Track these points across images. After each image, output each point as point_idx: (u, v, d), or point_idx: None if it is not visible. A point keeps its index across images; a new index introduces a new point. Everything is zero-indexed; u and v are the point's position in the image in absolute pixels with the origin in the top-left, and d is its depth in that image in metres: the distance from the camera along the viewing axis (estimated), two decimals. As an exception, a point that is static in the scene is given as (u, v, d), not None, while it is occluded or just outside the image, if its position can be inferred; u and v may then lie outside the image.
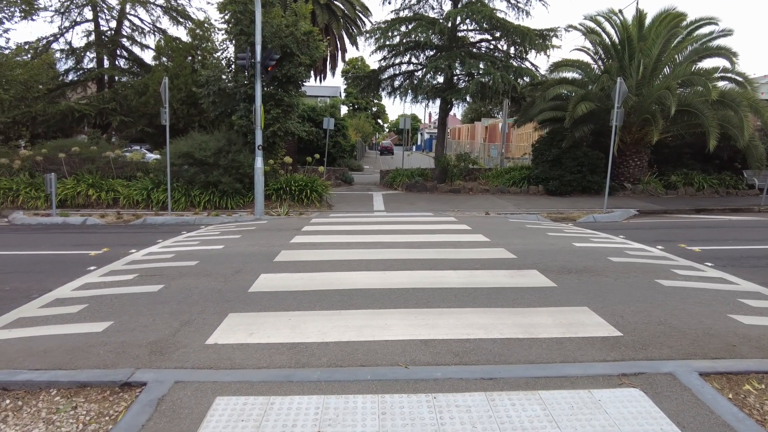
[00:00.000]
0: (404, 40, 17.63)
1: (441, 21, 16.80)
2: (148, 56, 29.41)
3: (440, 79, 18.00)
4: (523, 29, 16.22)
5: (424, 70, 17.68)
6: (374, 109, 60.47)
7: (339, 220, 11.15)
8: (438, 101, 18.79)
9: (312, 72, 22.29)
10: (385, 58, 18.64)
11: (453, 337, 4.04)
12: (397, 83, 19.09)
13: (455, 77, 17.97)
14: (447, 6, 17.92)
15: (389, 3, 18.88)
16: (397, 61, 18.75)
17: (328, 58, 26.50)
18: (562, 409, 2.97)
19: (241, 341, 3.97)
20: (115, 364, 3.58)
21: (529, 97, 18.27)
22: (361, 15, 26.82)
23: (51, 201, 12.22)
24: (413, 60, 18.76)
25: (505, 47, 18.04)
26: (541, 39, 16.48)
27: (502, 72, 15.85)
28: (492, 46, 18.32)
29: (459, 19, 16.84)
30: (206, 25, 19.69)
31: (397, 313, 4.62)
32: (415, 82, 18.28)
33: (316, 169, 17.02)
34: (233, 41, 14.82)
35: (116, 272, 6.46)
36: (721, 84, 15.89)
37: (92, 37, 20.02)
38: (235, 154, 13.04)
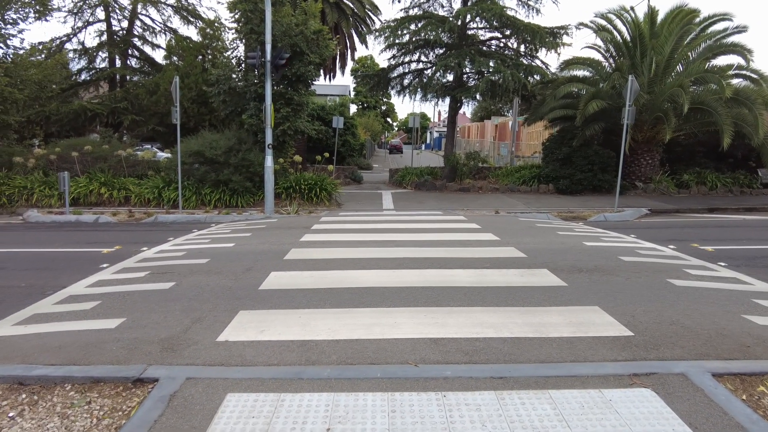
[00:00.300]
0: (414, 39, 17.60)
1: (451, 19, 16.75)
2: (159, 56, 29.58)
3: (450, 78, 17.95)
4: (534, 27, 16.12)
5: (434, 68, 17.65)
6: (383, 108, 60.44)
7: (348, 219, 11.18)
8: (447, 100, 18.75)
9: (321, 71, 22.30)
10: (394, 57, 18.63)
11: (463, 335, 4.04)
12: (406, 82, 19.07)
13: (465, 75, 17.91)
14: (457, 4, 17.89)
15: (399, 1, 19.02)
16: (407, 59, 18.73)
17: (338, 57, 26.50)
18: (573, 409, 2.95)
19: (252, 338, 4.00)
20: (128, 360, 3.63)
21: (539, 95, 18.16)
22: (370, 13, 26.79)
23: (64, 199, 12.37)
24: (423, 58, 18.74)
25: (515, 45, 17.95)
26: (551, 37, 16.37)
27: (513, 70, 15.77)
28: (502, 44, 18.24)
29: (469, 17, 16.77)
30: (216, 24, 19.81)
31: (406, 311, 4.62)
32: (425, 80, 18.25)
33: (326, 168, 17.07)
34: (243, 40, 14.90)
35: (128, 270, 6.53)
36: (735, 81, 15.67)
37: (104, 37, 20.23)
38: (246, 153, 13.11)
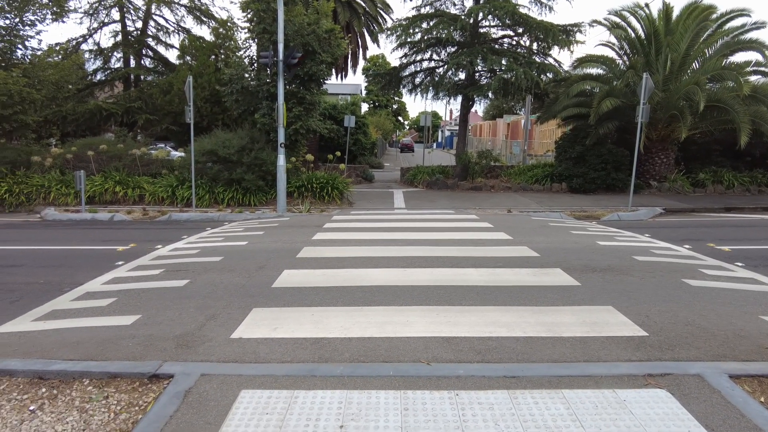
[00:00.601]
0: (425, 37, 17.58)
1: (463, 17, 16.69)
2: (172, 55, 29.90)
3: (462, 76, 17.90)
4: (547, 25, 16.01)
5: (446, 66, 17.61)
6: (395, 107, 60.38)
7: (360, 218, 11.20)
8: (459, 98, 18.69)
9: (333, 70, 22.36)
10: (406, 55, 18.63)
11: (475, 334, 4.04)
12: (418, 80, 19.06)
13: (477, 74, 17.85)
14: (469, 2, 17.84)
15: (410, 0, 18.84)
16: (419, 58, 18.72)
17: (349, 56, 26.54)
18: (586, 409, 2.94)
19: (265, 336, 4.03)
20: (144, 357, 3.68)
21: (552, 93, 18.03)
22: (382, 12, 26.80)
23: (80, 198, 12.57)
24: (434, 57, 18.71)
25: (527, 43, 17.84)
26: (564, 34, 16.25)
27: (525, 68, 15.68)
28: (514, 42, 18.14)
29: (481, 15, 16.71)
30: (229, 24, 19.95)
31: (418, 310, 4.63)
32: (437, 78, 18.21)
33: (337, 167, 17.12)
34: (256, 40, 14.98)
35: (143, 267, 6.62)
36: (753, 78, 15.44)
37: (119, 38, 20.48)
38: (258, 152, 13.20)
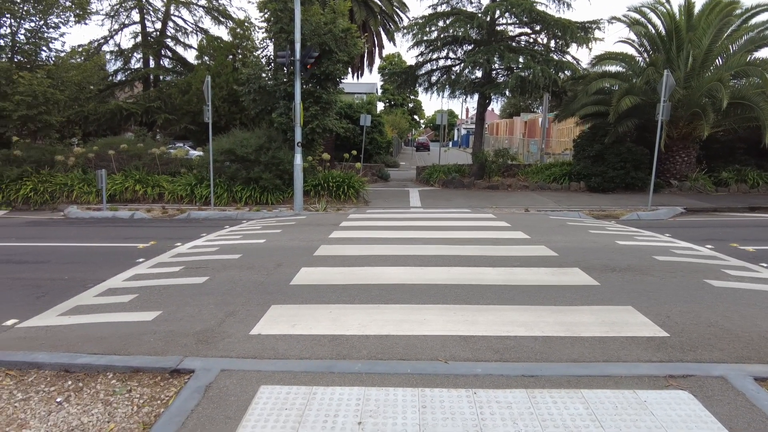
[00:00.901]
0: (442, 35, 17.53)
1: (479, 15, 16.61)
2: (190, 56, 30.24)
3: (478, 74, 17.81)
4: (564, 22, 15.84)
5: (462, 65, 17.53)
6: (410, 105, 60.33)
7: (376, 216, 11.22)
8: (476, 96, 18.60)
9: (349, 69, 22.43)
10: (422, 54, 18.59)
11: (493, 333, 4.02)
12: (434, 78, 19.00)
13: (494, 72, 17.73)
14: (486, 0, 17.70)
15: (427, -2, 18.77)
16: (435, 56, 18.67)
17: (366, 55, 26.60)
18: (606, 409, 2.91)
19: (284, 332, 4.07)
20: (165, 352, 3.74)
21: (570, 91, 17.84)
22: (398, 11, 26.79)
23: (102, 196, 12.82)
24: (451, 55, 18.64)
25: (545, 41, 17.68)
26: (582, 32, 16.06)
27: (543, 66, 15.54)
28: (532, 40, 17.99)
29: (498, 12, 16.60)
30: (246, 24, 20.14)
31: (435, 308, 4.62)
32: (453, 77, 18.14)
33: (353, 166, 17.18)
34: (273, 39, 15.10)
35: (163, 264, 6.72)
36: (779, 75, 15.05)
37: (139, 39, 20.82)
38: (275, 151, 13.31)
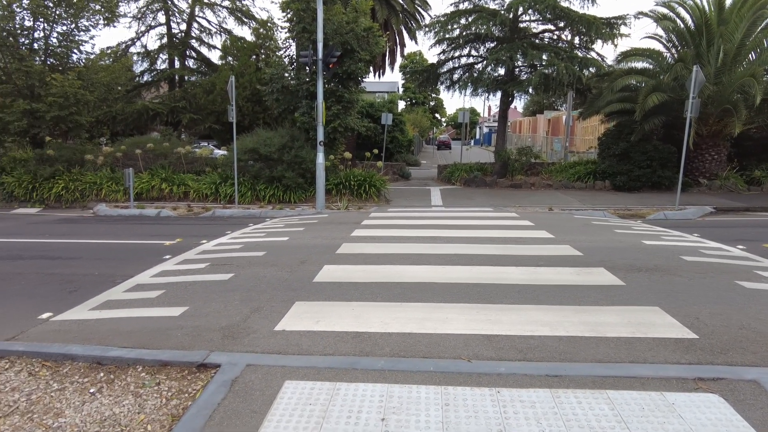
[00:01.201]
0: (464, 33, 17.41)
1: (502, 12, 16.44)
2: (214, 56, 30.72)
3: (501, 72, 17.63)
4: (589, 18, 15.57)
5: (485, 62, 17.37)
6: (432, 104, 60.05)
7: (397, 215, 11.23)
8: (498, 94, 18.41)
9: (371, 68, 22.49)
10: (444, 52, 18.49)
11: (516, 333, 4.00)
12: (456, 76, 18.88)
13: (517, 69, 17.55)
14: (509, -3, 17.51)
15: (449, -4, 18.66)
16: (457, 54, 18.55)
17: (387, 54, 26.59)
18: (632, 410, 2.87)
19: (308, 328, 4.12)
20: (192, 346, 3.83)
21: (595, 88, 17.53)
22: (420, 9, 26.71)
23: (129, 194, 13.14)
24: (473, 52, 18.50)
25: (569, 37, 17.40)
26: (608, 27, 15.76)
27: (567, 63, 15.32)
28: (555, 37, 17.72)
29: (521, 9, 16.41)
30: (269, 24, 20.37)
31: (457, 307, 4.62)
32: (475, 74, 17.99)
33: (375, 164, 17.21)
34: (295, 39, 15.24)
35: (189, 261, 6.86)
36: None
37: (164, 40, 21.25)
38: (298, 150, 13.43)
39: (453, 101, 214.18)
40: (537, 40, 17.37)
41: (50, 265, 6.95)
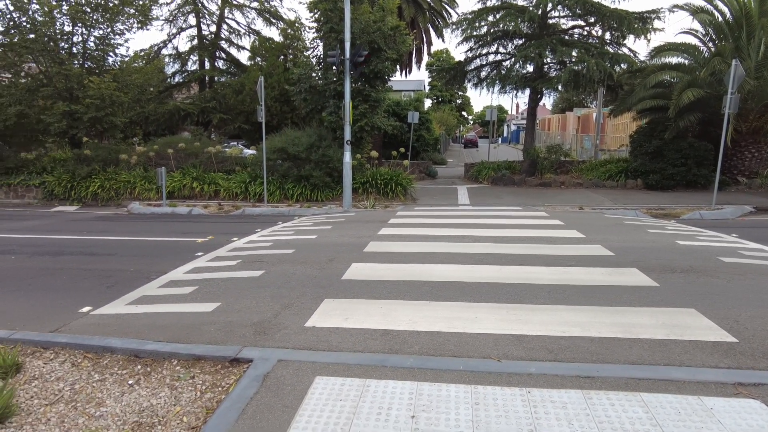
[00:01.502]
0: (492, 30, 17.25)
1: (531, 8, 16.21)
2: (243, 57, 31.26)
3: (530, 69, 17.42)
4: (621, 13, 15.23)
5: (513, 59, 17.20)
6: (458, 101, 59.67)
7: (424, 213, 11.21)
8: (527, 91, 18.20)
9: (397, 66, 22.48)
10: (471, 49, 18.38)
11: (546, 333, 3.95)
12: (483, 74, 18.74)
13: (546, 66, 17.30)
14: (537, -8, 17.25)
15: (477, -7, 18.51)
16: (484, 51, 18.39)
17: (414, 52, 26.56)
18: (668, 414, 2.81)
19: (337, 325, 4.16)
20: (225, 341, 3.92)
21: (626, 85, 17.11)
22: (447, 6, 26.57)
23: (161, 192, 13.48)
24: (501, 50, 18.32)
25: (599, 33, 17.08)
26: (640, 22, 15.37)
27: (597, 59, 15.01)
28: (585, 33, 17.40)
29: (550, 5, 16.16)
30: (297, 24, 20.58)
31: (486, 307, 4.59)
32: (503, 72, 17.82)
33: (401, 163, 17.21)
34: (323, 39, 15.35)
35: (221, 258, 7.01)
36: None
37: (195, 42, 21.72)
38: (325, 149, 13.54)
39: (480, 99, 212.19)
40: (566, 37, 17.09)
41: (89, 260, 7.21)
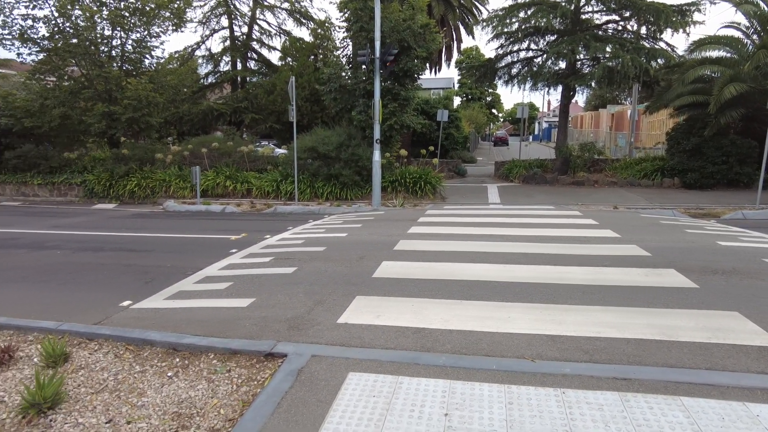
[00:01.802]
0: (523, 26, 17.01)
1: (563, 4, 15.90)
2: (274, 57, 31.69)
3: (562, 65, 17.09)
4: (658, 6, 14.77)
5: (545, 56, 16.91)
6: (488, 99, 59.01)
7: (453, 212, 11.15)
8: (559, 88, 17.86)
9: (427, 64, 22.40)
10: (502, 46, 18.17)
11: (581, 334, 3.89)
12: (514, 71, 18.50)
13: (578, 62, 16.94)
14: (570, -13, 16.90)
15: (508, -11, 18.26)
16: (515, 48, 18.17)
17: (443, 50, 26.42)
18: (711, 420, 2.72)
19: (369, 322, 4.20)
20: (259, 336, 4.00)
21: (663, 80, 16.62)
22: (477, 3, 26.32)
23: (196, 191, 13.81)
24: (532, 46, 18.06)
25: (635, 27, 16.59)
26: (679, 15, 14.88)
27: (633, 54, 14.60)
28: (620, 27, 16.95)
29: (583, 0, 15.80)
30: (327, 24, 20.74)
31: (519, 306, 4.54)
32: (534, 69, 17.56)
33: (430, 162, 17.16)
34: (353, 38, 15.42)
35: (254, 255, 7.15)
36: None
37: (227, 43, 22.15)
38: (355, 148, 13.62)
39: (511, 96, 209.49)
40: (600, 32, 16.69)
41: (128, 256, 7.46)
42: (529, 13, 16.40)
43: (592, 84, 17.12)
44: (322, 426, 2.73)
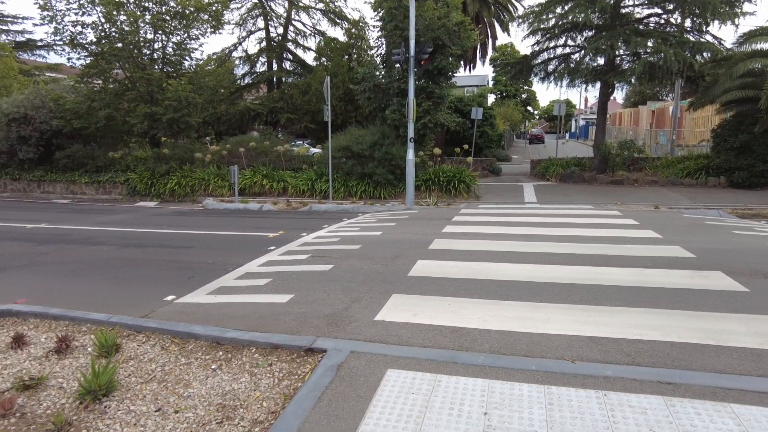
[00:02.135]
0: (560, 22, 16.64)
1: (602, -2, 15.47)
2: (309, 57, 32.04)
3: (600, 61, 16.65)
4: (704, -4, 14.18)
5: (582, 52, 16.50)
6: (523, 96, 57.99)
7: (488, 211, 11.04)
8: (597, 85, 17.41)
9: (461, 62, 22.24)
10: (538, 43, 17.83)
11: (623, 336, 3.81)
12: (551, 68, 18.13)
13: (618, 58, 16.46)
14: (609, -18, 16.43)
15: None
16: (552, 44, 17.79)
17: (478, 47, 26.15)
18: (764, 429, 2.63)
19: (406, 320, 4.22)
20: (299, 331, 4.08)
21: (709, 75, 15.94)
22: (512, 0, 25.93)
23: (234, 189, 14.13)
24: (569, 42, 17.64)
25: (679, 20, 16.00)
26: (727, 6, 14.23)
27: (676, 49, 14.08)
28: (663, 21, 16.37)
29: (624, -7, 15.36)
30: (361, 24, 20.82)
31: (558, 307, 4.48)
32: (572, 65, 17.16)
33: (464, 160, 17.01)
34: (387, 37, 15.44)
35: (292, 252, 7.29)
36: None
37: (263, 44, 22.51)
38: (388, 147, 13.66)
39: (547, 93, 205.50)
40: (641, 26, 16.16)
41: (170, 253, 7.72)
42: (566, 8, 16.04)
43: (632, 80, 16.62)
44: (362, 421, 2.78)
